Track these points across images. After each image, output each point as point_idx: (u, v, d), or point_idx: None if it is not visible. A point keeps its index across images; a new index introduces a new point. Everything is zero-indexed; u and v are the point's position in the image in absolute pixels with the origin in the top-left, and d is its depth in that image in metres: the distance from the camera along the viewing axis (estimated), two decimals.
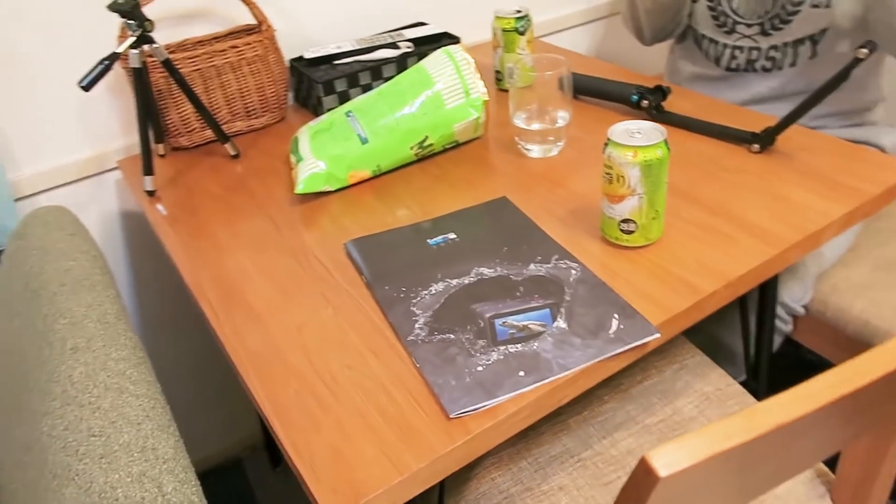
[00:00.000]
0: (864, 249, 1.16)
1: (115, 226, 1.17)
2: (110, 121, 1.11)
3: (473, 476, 0.83)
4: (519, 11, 1.12)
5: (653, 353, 0.96)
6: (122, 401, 0.66)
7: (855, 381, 0.43)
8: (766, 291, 1.02)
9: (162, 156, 1.09)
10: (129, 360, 0.72)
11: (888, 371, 0.43)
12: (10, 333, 0.83)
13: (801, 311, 1.12)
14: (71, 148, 1.09)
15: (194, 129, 1.09)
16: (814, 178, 0.85)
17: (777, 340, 1.15)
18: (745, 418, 0.39)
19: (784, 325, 1.14)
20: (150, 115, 1.00)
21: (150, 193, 0.98)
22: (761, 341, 1.06)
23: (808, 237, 0.76)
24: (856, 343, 1.08)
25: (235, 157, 1.06)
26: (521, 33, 1.11)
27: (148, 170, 0.97)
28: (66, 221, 0.98)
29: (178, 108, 1.06)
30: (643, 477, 0.38)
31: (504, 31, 1.12)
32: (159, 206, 0.97)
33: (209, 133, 1.10)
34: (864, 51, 0.76)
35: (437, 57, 0.96)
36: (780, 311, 1.11)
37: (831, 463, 0.80)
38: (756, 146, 0.91)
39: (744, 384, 0.95)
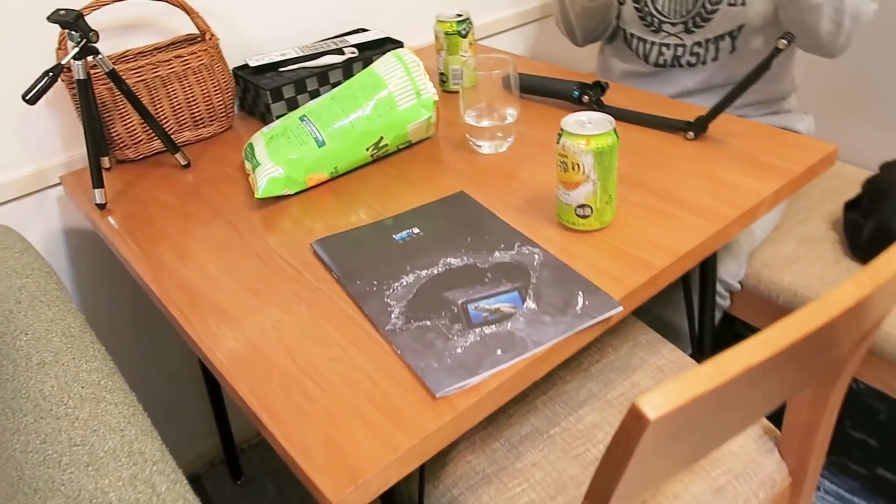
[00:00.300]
0: (787, 227, 1.26)
1: (60, 243, 1.14)
2: (50, 136, 1.08)
3: (449, 461, 0.86)
4: (460, 15, 1.16)
5: (608, 334, 1.01)
6: (100, 409, 0.65)
7: (803, 328, 0.48)
8: (707, 270, 1.09)
9: (107, 169, 1.07)
10: (101, 370, 0.71)
11: (829, 319, 0.49)
12: None
13: (738, 286, 1.20)
14: (9, 165, 1.06)
15: (140, 140, 1.07)
16: (744, 160, 0.92)
17: (717, 316, 1.23)
18: (717, 364, 0.44)
19: (723, 301, 1.21)
20: (95, 127, 0.98)
21: (101, 206, 0.97)
22: (704, 317, 1.13)
23: (745, 213, 0.82)
24: (787, 313, 1.16)
25: (186, 166, 1.06)
26: (464, 36, 1.16)
27: (98, 182, 0.95)
28: (12, 240, 0.95)
29: (123, 120, 1.04)
30: (634, 422, 0.42)
31: (447, 34, 1.16)
32: (111, 219, 0.95)
33: (156, 144, 1.09)
34: (784, 41, 0.84)
35: (387, 60, 0.99)
36: (718, 287, 1.19)
37: (777, 422, 0.87)
38: (691, 134, 0.98)
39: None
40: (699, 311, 1.14)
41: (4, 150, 1.04)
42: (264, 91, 1.11)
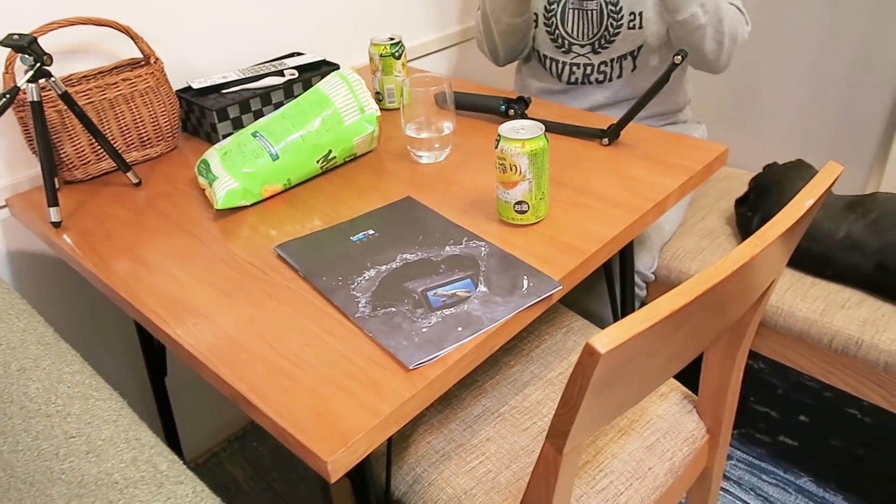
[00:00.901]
0: (690, 224, 1.42)
1: (3, 266, 1.14)
2: None
3: (411, 443, 0.93)
4: (392, 38, 1.26)
5: (544, 322, 1.11)
6: (90, 405, 0.69)
7: (712, 279, 0.59)
8: (626, 263, 1.23)
9: (57, 189, 1.09)
10: (83, 372, 0.75)
11: (731, 272, 0.60)
12: None
13: (652, 277, 1.34)
14: None
15: (89, 161, 1.10)
16: (652, 161, 1.05)
17: (637, 305, 1.37)
18: (649, 309, 0.54)
19: (640, 291, 1.35)
20: (48, 147, 1.00)
21: (57, 224, 0.99)
22: (625, 305, 1.26)
23: (656, 205, 0.95)
24: None
25: (137, 184, 1.09)
26: (397, 58, 1.25)
27: (53, 201, 0.98)
28: None
29: (72, 141, 1.07)
30: (588, 358, 0.51)
31: (381, 56, 1.25)
32: (67, 237, 0.98)
33: (104, 164, 1.12)
34: (679, 57, 0.98)
35: (332, 79, 1.07)
36: (636, 279, 1.33)
37: (694, 389, 1.00)
38: (605, 140, 1.11)
39: None
40: (621, 301, 1.27)
41: None
42: (210, 111, 1.16)
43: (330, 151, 1.05)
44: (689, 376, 1.03)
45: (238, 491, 1.46)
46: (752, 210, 1.31)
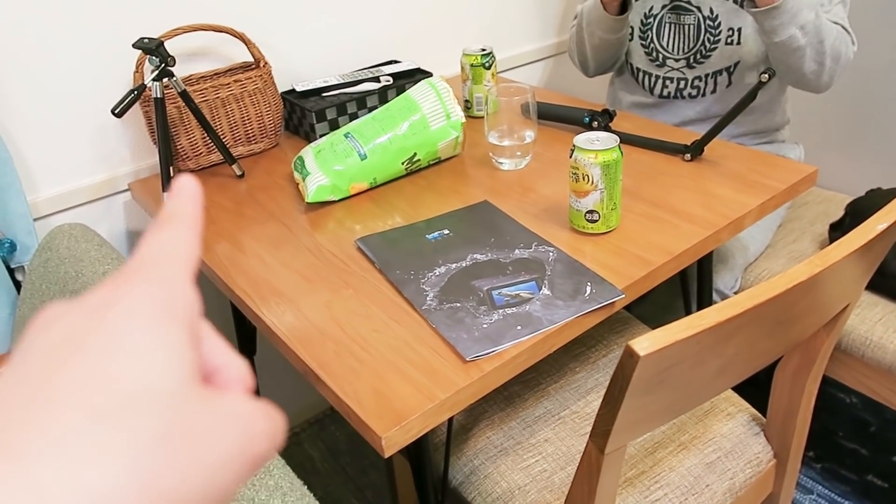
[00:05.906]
0: (780, 246, 1.37)
1: (124, 242, 1.27)
2: (120, 148, 1.23)
3: (471, 437, 0.97)
4: (484, 49, 1.30)
5: (614, 333, 1.12)
6: None
7: (764, 295, 0.59)
8: (703, 281, 1.21)
9: (172, 177, 1.21)
10: None
11: (785, 290, 0.60)
12: None
13: (733, 296, 1.31)
14: (84, 173, 1.20)
15: (201, 153, 1.21)
16: (734, 178, 1.04)
17: None
18: (695, 318, 0.56)
19: None
20: (168, 139, 1.12)
21: None
22: None
23: (733, 222, 0.94)
24: None
25: (241, 176, 1.19)
26: (487, 68, 1.30)
27: (168, 187, 1.09)
28: (90, 235, 1.08)
29: (187, 135, 1.19)
30: (628, 360, 0.54)
31: (472, 66, 1.30)
32: None
33: (213, 157, 1.23)
34: (766, 76, 0.97)
35: (421, 86, 1.13)
36: (715, 297, 1.30)
37: (763, 412, 0.98)
38: (688, 155, 1.10)
39: None
40: None
41: (81, 159, 1.19)
42: (310, 112, 1.25)
43: (415, 154, 1.11)
44: (763, 400, 1.01)
45: (313, 470, 1.55)
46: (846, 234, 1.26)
